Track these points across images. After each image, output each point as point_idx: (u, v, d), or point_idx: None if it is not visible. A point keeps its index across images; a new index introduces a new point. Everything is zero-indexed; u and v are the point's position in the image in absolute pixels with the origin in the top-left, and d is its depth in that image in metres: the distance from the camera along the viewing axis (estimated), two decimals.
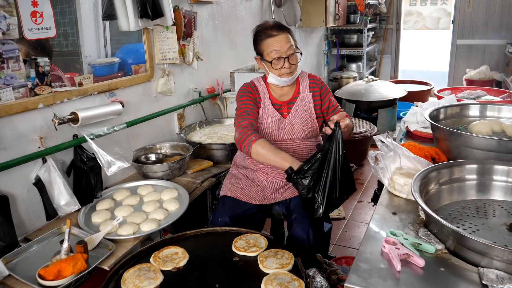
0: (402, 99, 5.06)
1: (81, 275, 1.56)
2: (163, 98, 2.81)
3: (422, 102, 2.62)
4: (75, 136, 2.13)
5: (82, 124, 2.06)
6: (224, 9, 3.46)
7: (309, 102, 2.09)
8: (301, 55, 2.03)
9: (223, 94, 3.31)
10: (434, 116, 2.01)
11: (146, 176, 2.43)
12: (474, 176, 1.50)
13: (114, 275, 1.49)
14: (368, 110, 5.10)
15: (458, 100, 2.67)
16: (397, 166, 1.61)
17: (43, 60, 1.94)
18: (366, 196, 3.69)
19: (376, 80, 5.22)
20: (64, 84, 2.06)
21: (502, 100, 3.31)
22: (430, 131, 2.08)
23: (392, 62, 7.32)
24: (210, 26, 3.28)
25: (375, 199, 2.46)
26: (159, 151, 2.67)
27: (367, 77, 5.26)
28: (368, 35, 6.18)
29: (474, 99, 3.28)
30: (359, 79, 5.73)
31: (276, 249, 1.59)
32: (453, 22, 6.78)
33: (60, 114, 2.03)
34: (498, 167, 1.50)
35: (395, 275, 1.10)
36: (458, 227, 1.29)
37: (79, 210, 2.04)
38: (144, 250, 1.62)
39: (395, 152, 1.64)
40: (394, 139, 1.82)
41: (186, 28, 2.87)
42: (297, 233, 1.93)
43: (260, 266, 1.49)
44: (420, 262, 1.13)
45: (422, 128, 2.23)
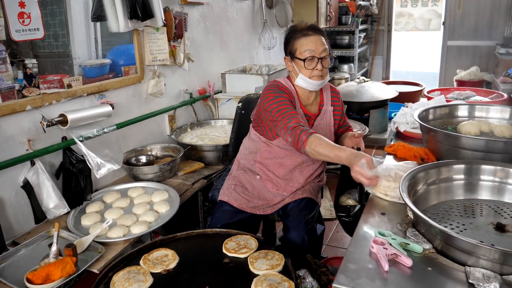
0: (393, 100, 5.07)
1: (70, 278, 1.56)
2: (153, 99, 2.80)
3: (413, 103, 2.63)
4: (64, 138, 2.11)
5: (71, 126, 2.05)
6: (215, 10, 3.45)
7: (330, 117, 2.04)
8: (334, 60, 1.99)
9: (215, 96, 3.30)
10: (423, 116, 2.02)
11: (136, 178, 2.42)
12: (462, 176, 1.51)
13: (103, 278, 1.48)
14: (360, 111, 5.11)
15: (448, 101, 2.69)
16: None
17: (30, 62, 1.92)
18: None
19: (367, 81, 5.23)
20: (53, 85, 2.05)
21: (490, 100, 3.34)
22: (419, 131, 2.09)
23: (383, 63, 7.35)
24: (201, 27, 3.28)
25: (366, 199, 2.46)
26: (149, 153, 2.66)
27: (358, 78, 5.27)
28: (359, 36, 6.20)
29: (463, 99, 3.31)
30: (350, 80, 5.74)
31: (266, 250, 1.59)
32: (443, 24, 6.82)
33: (48, 116, 2.02)
34: (485, 167, 1.51)
35: (383, 275, 1.10)
36: (445, 226, 1.29)
37: (68, 213, 2.03)
38: (134, 252, 1.62)
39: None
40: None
41: (176, 29, 2.87)
42: (292, 236, 1.93)
43: (251, 268, 1.49)
44: (407, 262, 1.13)
45: (411, 129, 2.24)
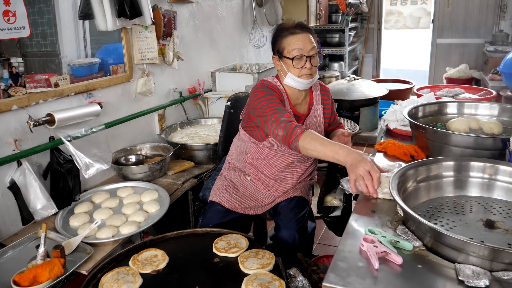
0: (383, 97, 5.09)
1: (58, 280, 1.53)
2: (143, 98, 2.77)
3: (403, 100, 2.64)
4: (52, 138, 2.09)
5: (58, 126, 2.02)
6: (204, 8, 3.43)
7: (320, 115, 2.03)
8: (323, 58, 1.99)
9: (205, 94, 3.29)
10: (412, 114, 2.03)
11: (126, 178, 2.39)
12: (451, 173, 1.51)
13: (91, 279, 1.46)
14: (350, 109, 5.13)
15: (437, 98, 2.70)
16: None
17: (16, 61, 1.89)
18: None
19: (358, 79, 5.24)
20: (40, 85, 2.02)
21: (479, 97, 3.36)
22: (409, 129, 2.09)
23: (373, 61, 7.38)
24: (191, 25, 3.26)
25: (356, 197, 2.47)
26: (139, 152, 2.63)
27: (349, 76, 5.28)
28: (349, 35, 6.21)
29: (453, 97, 3.32)
30: (341, 78, 5.75)
31: (257, 249, 1.58)
32: (433, 22, 6.86)
33: (35, 116, 1.99)
34: (474, 164, 1.51)
35: (373, 273, 1.10)
36: (435, 224, 1.29)
37: (56, 214, 2.00)
38: (123, 253, 1.60)
39: None
40: None
41: (165, 28, 2.84)
42: (283, 235, 1.93)
43: (241, 267, 1.48)
44: (397, 260, 1.13)
45: (401, 126, 2.24)
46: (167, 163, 2.52)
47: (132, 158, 2.59)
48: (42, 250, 1.61)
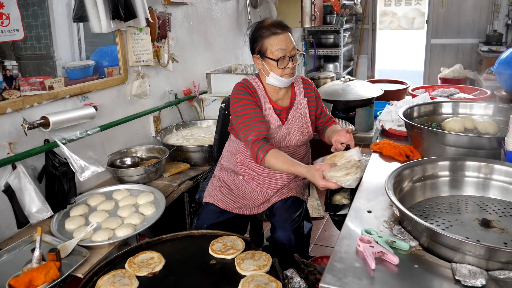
0: (379, 98, 5.10)
1: (53, 283, 1.53)
2: (138, 100, 2.77)
3: (398, 100, 2.64)
4: (46, 141, 2.08)
5: (53, 128, 2.01)
6: (199, 10, 3.43)
7: (304, 108, 2.05)
8: (302, 56, 2.01)
9: (200, 96, 3.28)
10: (408, 114, 2.04)
11: (121, 181, 2.38)
12: (447, 173, 1.52)
13: (87, 282, 1.45)
14: (346, 109, 5.13)
15: (432, 98, 2.70)
16: None
17: (10, 64, 1.88)
18: None
19: (353, 80, 5.25)
20: (35, 87, 2.01)
21: (474, 97, 3.37)
22: (404, 129, 2.09)
23: (368, 62, 7.40)
24: (185, 27, 3.25)
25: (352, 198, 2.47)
26: (134, 155, 2.63)
27: (344, 77, 5.29)
28: (344, 36, 6.22)
29: (447, 97, 3.33)
30: (336, 79, 5.76)
31: (253, 250, 1.58)
32: (427, 22, 6.89)
33: (30, 119, 1.98)
34: (469, 163, 1.52)
35: (370, 274, 1.10)
36: (431, 223, 1.30)
37: (52, 217, 1.99)
38: (119, 256, 1.59)
39: None
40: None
41: (160, 30, 2.84)
42: (279, 236, 1.92)
43: (238, 269, 1.48)
44: (394, 260, 1.13)
45: (396, 126, 2.25)
46: (163, 165, 2.51)
47: (128, 161, 2.58)
48: (37, 253, 1.60)
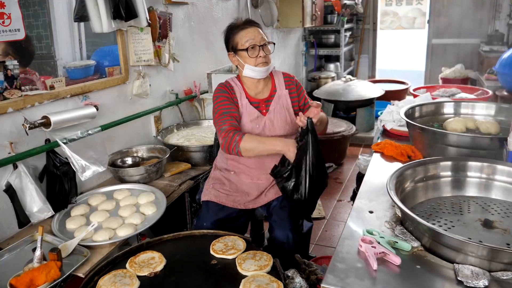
0: (379, 98, 5.11)
1: (54, 283, 1.52)
2: (139, 100, 2.76)
3: (399, 101, 2.64)
4: (48, 140, 2.07)
5: (54, 128, 2.01)
6: (200, 10, 3.43)
7: (286, 99, 2.09)
8: (274, 46, 2.07)
9: (201, 96, 3.28)
10: (409, 114, 2.03)
11: (122, 180, 2.38)
12: (449, 173, 1.52)
13: (88, 282, 1.45)
14: (347, 109, 5.14)
15: (433, 98, 2.70)
16: None
17: (11, 63, 1.88)
18: (346, 195, 3.72)
19: (354, 80, 5.26)
20: (36, 87, 2.01)
21: (475, 97, 3.37)
22: (406, 129, 2.09)
23: (369, 62, 7.38)
24: (186, 27, 3.25)
25: (354, 198, 2.47)
26: (135, 155, 2.62)
27: (345, 77, 5.30)
28: (345, 35, 6.22)
29: (449, 97, 3.33)
30: (337, 79, 5.77)
31: (254, 251, 1.58)
32: (428, 22, 6.88)
33: (31, 119, 1.97)
34: (471, 164, 1.52)
35: (372, 274, 1.09)
36: (433, 224, 1.29)
37: (53, 217, 1.99)
38: (119, 255, 1.59)
39: None
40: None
41: (161, 29, 2.84)
42: (277, 235, 1.94)
43: (239, 269, 1.48)
44: (396, 260, 1.13)
45: (398, 127, 2.25)
46: (164, 165, 2.51)
47: (129, 160, 2.58)
48: (38, 253, 1.59)
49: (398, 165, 1.66)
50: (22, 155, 1.95)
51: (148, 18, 2.58)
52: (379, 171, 1.77)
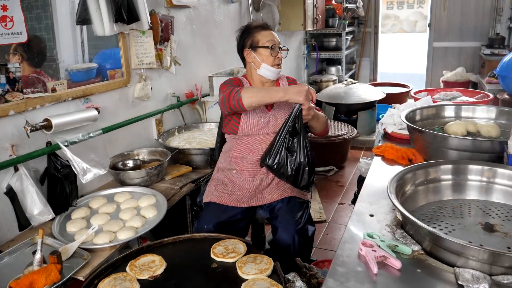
0: (381, 101, 5.11)
1: (54, 286, 1.52)
2: (140, 103, 2.77)
3: (400, 104, 2.64)
4: (49, 143, 2.08)
5: (55, 131, 2.02)
6: (202, 13, 3.44)
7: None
8: (287, 52, 2.15)
9: (202, 99, 3.28)
10: (410, 117, 2.03)
11: (123, 183, 2.38)
12: (449, 176, 1.51)
13: (88, 285, 1.45)
14: (348, 112, 5.14)
15: (434, 101, 2.70)
16: None
17: (14, 66, 1.89)
18: (347, 198, 3.71)
19: (355, 83, 5.26)
20: (38, 90, 2.01)
21: (476, 100, 3.37)
22: (407, 132, 2.09)
23: (370, 65, 7.39)
24: (188, 30, 3.26)
25: (355, 201, 2.46)
26: (136, 157, 2.62)
27: (346, 80, 5.30)
28: (346, 39, 6.23)
29: (450, 100, 3.33)
30: (338, 82, 5.77)
31: (255, 254, 1.57)
32: (429, 25, 6.89)
33: (32, 121, 1.98)
34: (472, 167, 1.51)
35: (372, 278, 1.09)
36: (434, 227, 1.29)
37: (53, 219, 1.99)
38: (120, 259, 1.59)
39: None
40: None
41: (163, 33, 2.84)
42: (282, 237, 1.92)
43: (239, 272, 1.47)
44: (396, 264, 1.12)
45: (399, 130, 2.24)
46: (165, 168, 2.51)
47: (130, 163, 2.58)
48: (38, 256, 1.59)
49: (399, 168, 1.65)
50: (23, 157, 1.96)
51: (150, 21, 2.59)
52: (380, 174, 1.76)
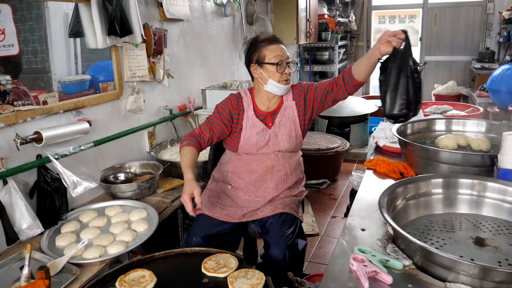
0: (373, 114, 5.14)
1: None
2: (132, 116, 2.76)
3: None
4: (39, 156, 2.06)
5: (46, 143, 2.00)
6: (195, 26, 3.46)
7: (292, 111, 2.09)
8: (296, 66, 2.10)
9: (195, 112, 3.28)
10: (401, 131, 2.04)
11: (114, 196, 2.36)
12: (440, 190, 1.52)
13: None
14: (341, 125, 5.17)
15: (425, 115, 2.72)
16: None
17: (4, 78, 1.88)
18: (340, 212, 3.71)
19: None
20: (28, 102, 2.00)
21: (467, 114, 3.40)
22: (398, 146, 2.10)
23: None
24: (181, 43, 3.27)
25: (347, 214, 2.46)
26: (128, 170, 2.61)
27: None
28: (339, 52, 6.29)
29: (441, 113, 3.36)
30: None
31: (246, 269, 1.56)
32: (420, 40, 6.98)
33: (23, 134, 1.96)
34: (463, 181, 1.52)
35: None
36: (425, 242, 1.29)
37: (42, 234, 1.96)
38: (109, 274, 1.56)
39: None
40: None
41: (156, 46, 2.85)
42: (273, 253, 1.91)
43: None
44: (387, 279, 1.12)
45: (390, 143, 2.25)
46: (157, 181, 2.50)
47: (121, 176, 2.56)
48: (26, 271, 1.57)
49: (390, 182, 1.66)
50: (13, 170, 1.93)
51: (143, 34, 2.60)
52: (372, 188, 1.77)
